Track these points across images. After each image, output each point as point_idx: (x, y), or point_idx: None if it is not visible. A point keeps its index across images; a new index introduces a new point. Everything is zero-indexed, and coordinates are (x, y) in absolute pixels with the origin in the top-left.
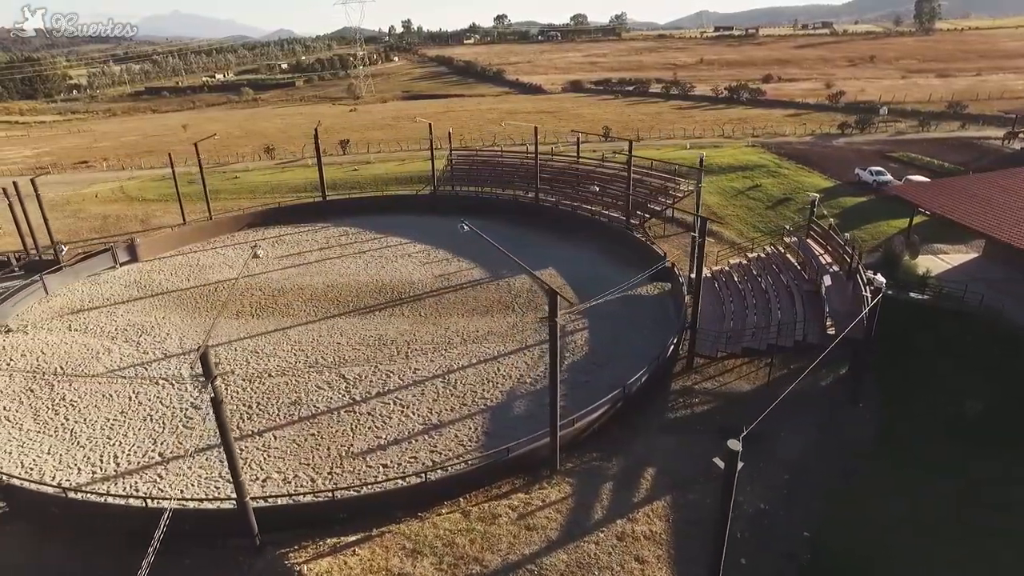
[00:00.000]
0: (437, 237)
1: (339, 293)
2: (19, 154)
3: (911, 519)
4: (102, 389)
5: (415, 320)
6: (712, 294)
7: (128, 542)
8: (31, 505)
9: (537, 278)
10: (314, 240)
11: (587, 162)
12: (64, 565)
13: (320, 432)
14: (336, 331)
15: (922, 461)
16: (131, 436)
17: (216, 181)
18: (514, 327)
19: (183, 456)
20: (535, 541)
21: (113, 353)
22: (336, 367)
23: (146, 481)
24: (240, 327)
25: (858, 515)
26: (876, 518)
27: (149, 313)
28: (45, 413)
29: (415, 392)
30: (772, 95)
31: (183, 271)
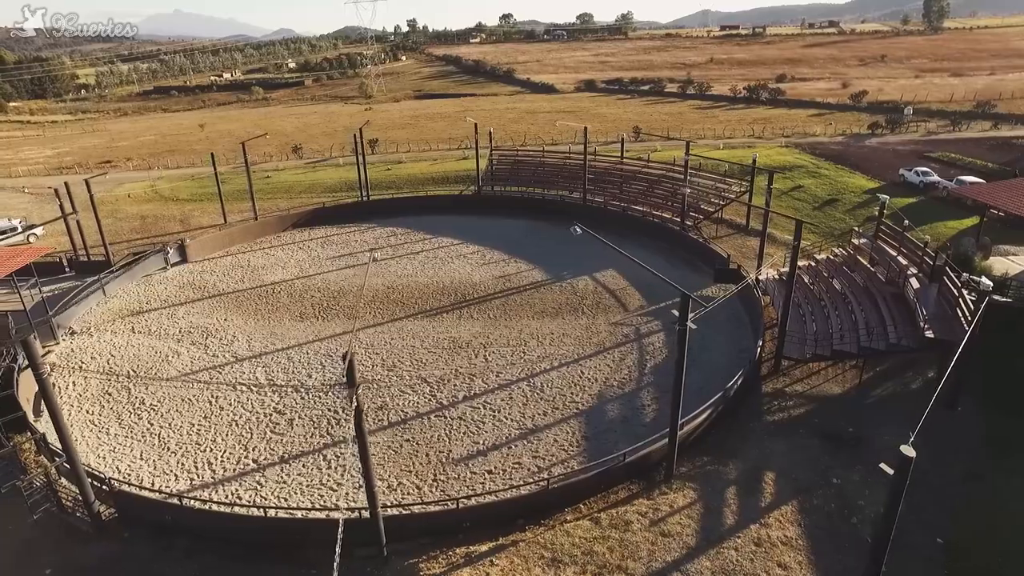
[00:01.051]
0: (488, 238)
1: (401, 294)
2: (40, 154)
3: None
4: (179, 393)
5: (486, 322)
6: (784, 296)
7: (247, 553)
8: (145, 512)
9: (666, 279)
10: (363, 240)
11: (631, 162)
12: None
13: (414, 438)
14: (407, 334)
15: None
16: (220, 442)
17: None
18: (588, 329)
19: (279, 463)
20: (674, 548)
21: (182, 356)
22: (415, 370)
23: (247, 489)
24: (308, 330)
25: (987, 521)
26: (1004, 523)
27: (209, 315)
28: (128, 417)
29: (502, 396)
30: (791, 95)
31: (236, 272)
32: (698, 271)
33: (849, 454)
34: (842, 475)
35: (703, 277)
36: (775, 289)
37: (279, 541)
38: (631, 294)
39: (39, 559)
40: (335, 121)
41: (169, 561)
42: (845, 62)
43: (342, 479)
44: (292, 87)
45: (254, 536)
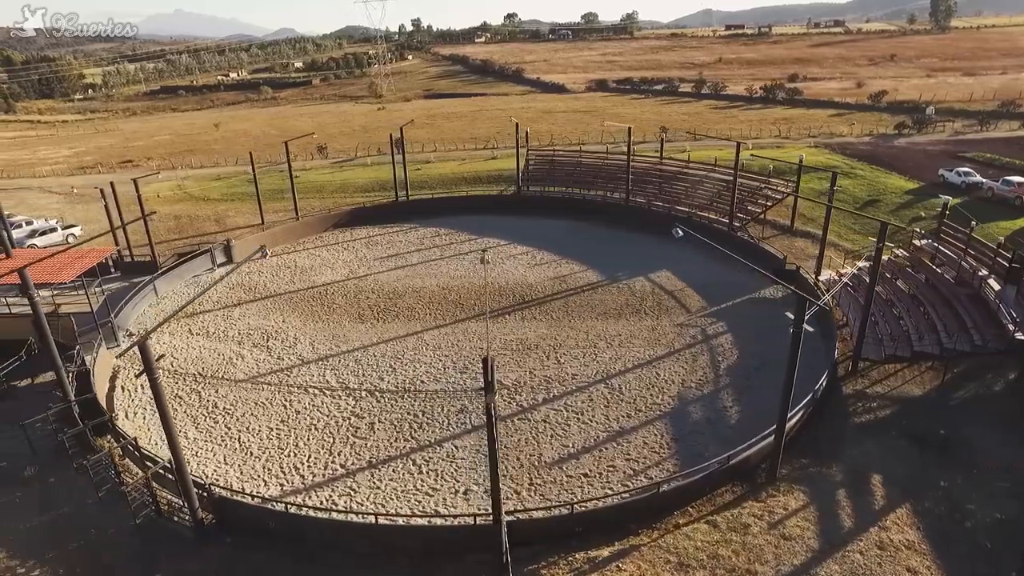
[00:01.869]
0: (534, 238)
1: (458, 295)
2: (57, 154)
3: None
4: (250, 396)
5: (550, 324)
6: (847, 297)
7: (358, 561)
8: (246, 519)
9: (779, 280)
10: (407, 241)
11: (670, 162)
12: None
13: (501, 441)
14: (473, 335)
15: None
16: (303, 447)
17: (276, 180)
18: (654, 331)
19: (367, 468)
20: (798, 551)
21: (247, 359)
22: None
23: (340, 494)
24: (370, 332)
25: None
26: None
27: (266, 317)
28: (204, 421)
29: (582, 398)
30: (809, 95)
31: (284, 273)
32: (753, 272)
33: (945, 456)
34: (945, 477)
35: (757, 278)
36: (839, 291)
37: (391, 548)
38: (690, 295)
39: (149, 566)
40: (350, 121)
41: (282, 570)
42: (855, 62)
43: (436, 484)
44: (300, 87)
45: (364, 543)
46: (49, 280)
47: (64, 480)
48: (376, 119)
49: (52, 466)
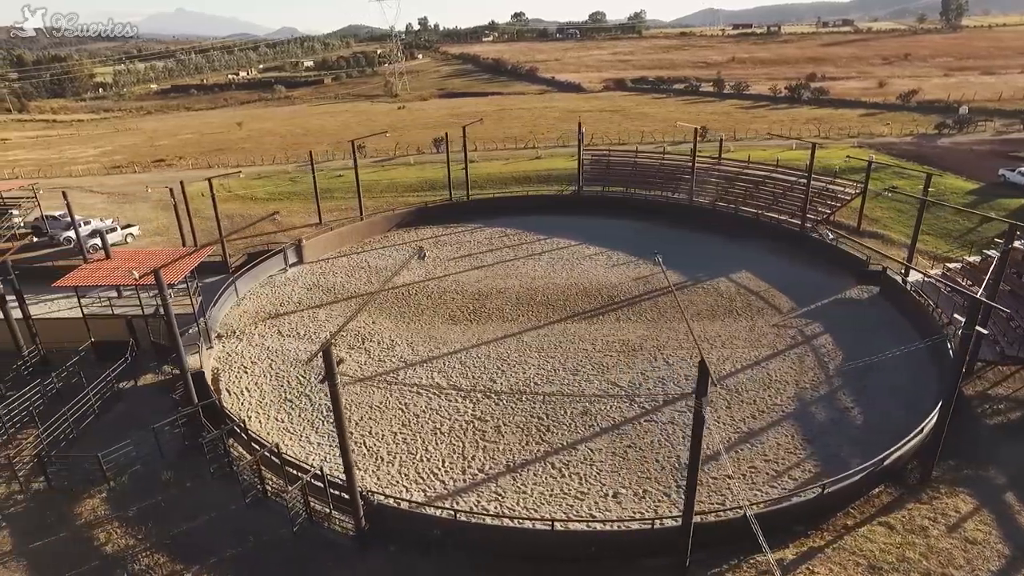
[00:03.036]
0: (604, 238)
1: (545, 296)
2: (84, 153)
3: None
4: (363, 400)
5: (646, 324)
6: (943, 297)
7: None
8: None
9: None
10: (476, 241)
11: (729, 162)
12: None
13: (635, 443)
14: (572, 336)
15: None
16: (432, 451)
17: (321, 179)
18: (752, 331)
19: (506, 472)
20: (988, 556)
21: (348, 362)
22: (601, 374)
23: (488, 499)
24: (466, 333)
25: None
26: None
27: (355, 318)
28: (324, 425)
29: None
30: (835, 94)
31: (359, 273)
32: (833, 273)
33: None
34: None
35: (840, 279)
36: (935, 293)
37: (561, 555)
38: (775, 296)
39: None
40: (375, 120)
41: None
42: (869, 61)
43: (583, 487)
44: (312, 85)
45: (537, 550)
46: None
47: (202, 484)
48: (401, 118)
49: (183, 469)
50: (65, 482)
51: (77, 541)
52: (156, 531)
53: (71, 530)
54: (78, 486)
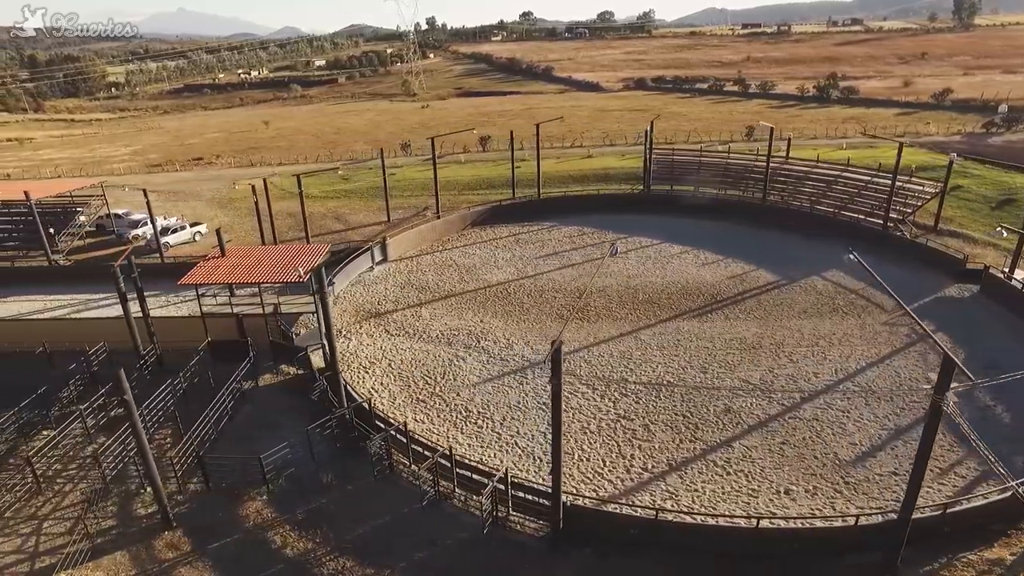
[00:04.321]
0: (683, 237)
1: (647, 295)
2: (117, 152)
3: None
4: (499, 399)
5: (757, 323)
6: None
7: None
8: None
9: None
10: (556, 239)
11: (797, 161)
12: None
13: (786, 440)
14: (688, 334)
15: None
16: (588, 450)
17: (372, 177)
18: (864, 329)
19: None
20: None
21: (468, 361)
22: (730, 372)
23: (663, 499)
24: (580, 332)
25: None
26: None
27: (459, 316)
28: (467, 426)
29: (838, 396)
30: (864, 94)
31: (449, 271)
32: (927, 272)
33: None
34: None
35: (935, 277)
36: None
37: (768, 552)
38: (874, 294)
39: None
40: (403, 119)
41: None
42: (885, 60)
43: (753, 484)
44: (325, 84)
45: (740, 548)
46: (281, 279)
47: (365, 487)
48: (430, 117)
49: (340, 472)
50: (223, 483)
51: (254, 543)
52: (332, 535)
53: (243, 532)
54: (238, 488)
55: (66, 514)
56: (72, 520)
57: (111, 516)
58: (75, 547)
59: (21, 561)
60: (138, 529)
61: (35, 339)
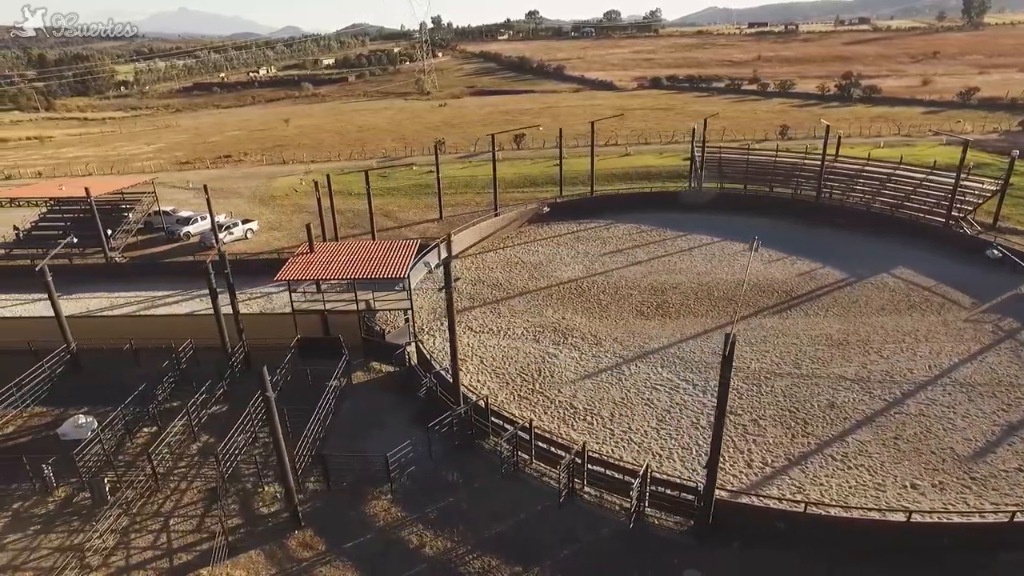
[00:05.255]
0: (741, 234)
1: (721, 292)
2: (141, 150)
3: None
4: (603, 395)
5: (839, 319)
6: None
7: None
8: (749, 522)
9: None
10: (616, 237)
11: (848, 159)
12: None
13: (898, 435)
14: (772, 331)
15: None
16: (703, 445)
17: (410, 176)
18: (947, 325)
19: (794, 463)
20: None
21: (560, 358)
22: (823, 367)
23: (792, 492)
24: (666, 328)
25: None
26: None
27: (539, 314)
28: (577, 422)
29: (938, 391)
30: (886, 93)
31: (518, 269)
32: (999, 269)
33: None
34: None
35: (1009, 274)
36: None
37: (917, 547)
38: (948, 291)
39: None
40: (422, 117)
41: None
42: (896, 59)
43: (877, 480)
44: (336, 83)
45: (887, 542)
46: (383, 274)
47: (491, 485)
48: (452, 115)
49: (462, 470)
50: (343, 482)
51: (390, 543)
52: (470, 534)
53: (376, 531)
54: (359, 486)
55: (188, 512)
56: (196, 517)
57: (235, 515)
58: (211, 545)
59: (158, 557)
60: (265, 528)
61: (116, 335)
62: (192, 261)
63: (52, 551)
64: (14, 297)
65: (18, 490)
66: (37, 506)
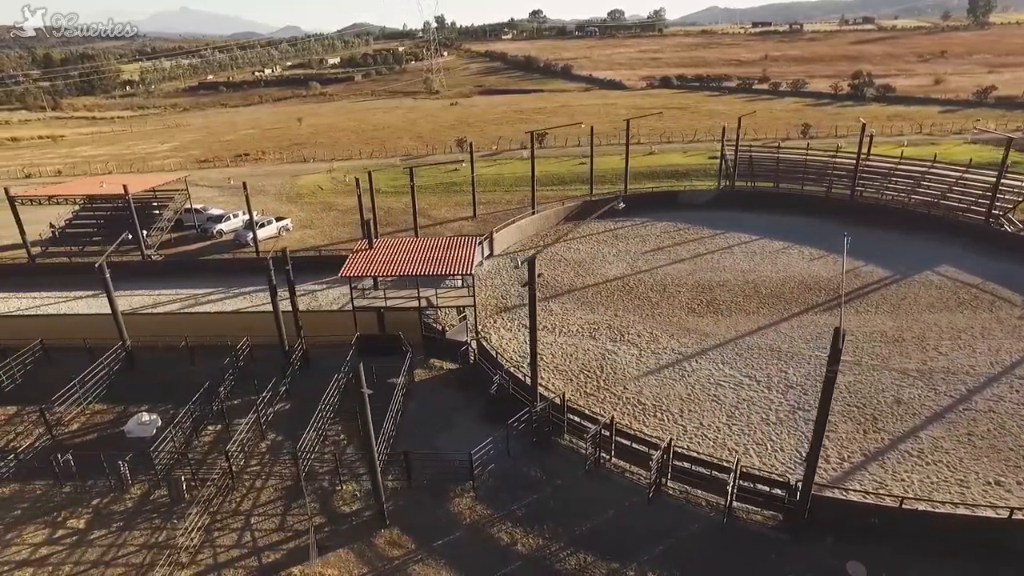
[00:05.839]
0: (778, 232)
1: (768, 289)
2: (157, 149)
3: None
4: (669, 392)
5: (889, 316)
6: None
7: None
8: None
9: None
10: (655, 235)
11: (880, 158)
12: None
13: (971, 431)
14: (825, 327)
15: None
16: (776, 440)
17: (436, 174)
18: (1001, 322)
19: (871, 459)
20: None
21: (620, 355)
22: (884, 364)
23: (872, 486)
24: (719, 325)
25: None
26: None
27: (591, 311)
28: (648, 418)
29: (1005, 389)
30: (900, 92)
31: (562, 266)
32: None
33: None
34: None
35: None
36: None
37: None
38: (996, 288)
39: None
40: (435, 116)
41: (911, 568)
42: (904, 59)
43: (959, 475)
44: (342, 82)
45: (985, 539)
46: (449, 272)
47: (575, 482)
48: (466, 114)
49: (543, 467)
50: (424, 480)
51: (480, 541)
52: (561, 531)
53: (464, 528)
54: (439, 484)
55: (268, 510)
56: (277, 516)
57: (316, 513)
58: (297, 544)
59: (245, 556)
60: (349, 527)
61: (169, 332)
62: (231, 259)
63: (139, 548)
64: (56, 295)
65: (94, 487)
66: (115, 503)
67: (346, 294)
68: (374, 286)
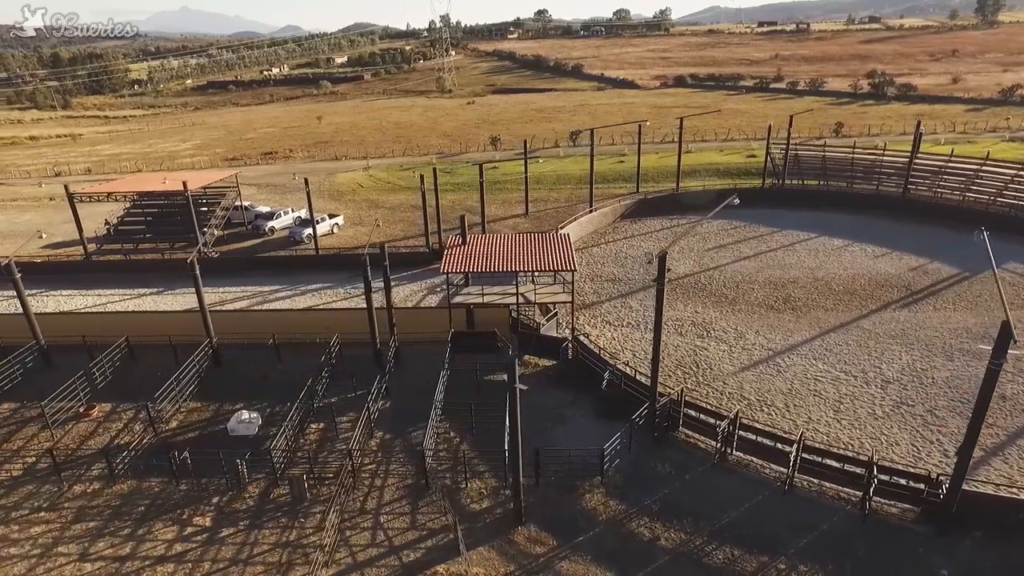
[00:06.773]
0: (835, 230)
1: (840, 285)
2: (179, 147)
3: None
4: (770, 386)
5: (967, 312)
6: None
7: None
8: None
9: None
10: (713, 232)
11: (929, 155)
12: None
13: None
14: (907, 324)
15: None
16: (888, 434)
17: (471, 171)
18: None
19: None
20: None
21: (710, 351)
22: (975, 359)
23: (1005, 483)
24: (801, 322)
25: None
26: None
27: (670, 307)
28: (755, 413)
29: None
30: (922, 90)
31: (628, 263)
32: None
33: None
34: None
35: None
36: None
37: None
38: None
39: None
40: (456, 115)
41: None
42: (915, 57)
43: None
44: (351, 81)
45: None
46: (556, 268)
47: (702, 476)
48: (485, 113)
49: (666, 462)
50: (551, 477)
51: (622, 536)
52: (702, 524)
53: (602, 524)
54: (567, 480)
55: (395, 508)
56: (406, 515)
57: (448, 511)
58: (434, 542)
59: (384, 555)
60: (483, 524)
61: (253, 329)
62: (289, 255)
63: (272, 547)
64: (120, 292)
65: (210, 484)
66: (235, 501)
67: (418, 291)
68: (466, 282)
